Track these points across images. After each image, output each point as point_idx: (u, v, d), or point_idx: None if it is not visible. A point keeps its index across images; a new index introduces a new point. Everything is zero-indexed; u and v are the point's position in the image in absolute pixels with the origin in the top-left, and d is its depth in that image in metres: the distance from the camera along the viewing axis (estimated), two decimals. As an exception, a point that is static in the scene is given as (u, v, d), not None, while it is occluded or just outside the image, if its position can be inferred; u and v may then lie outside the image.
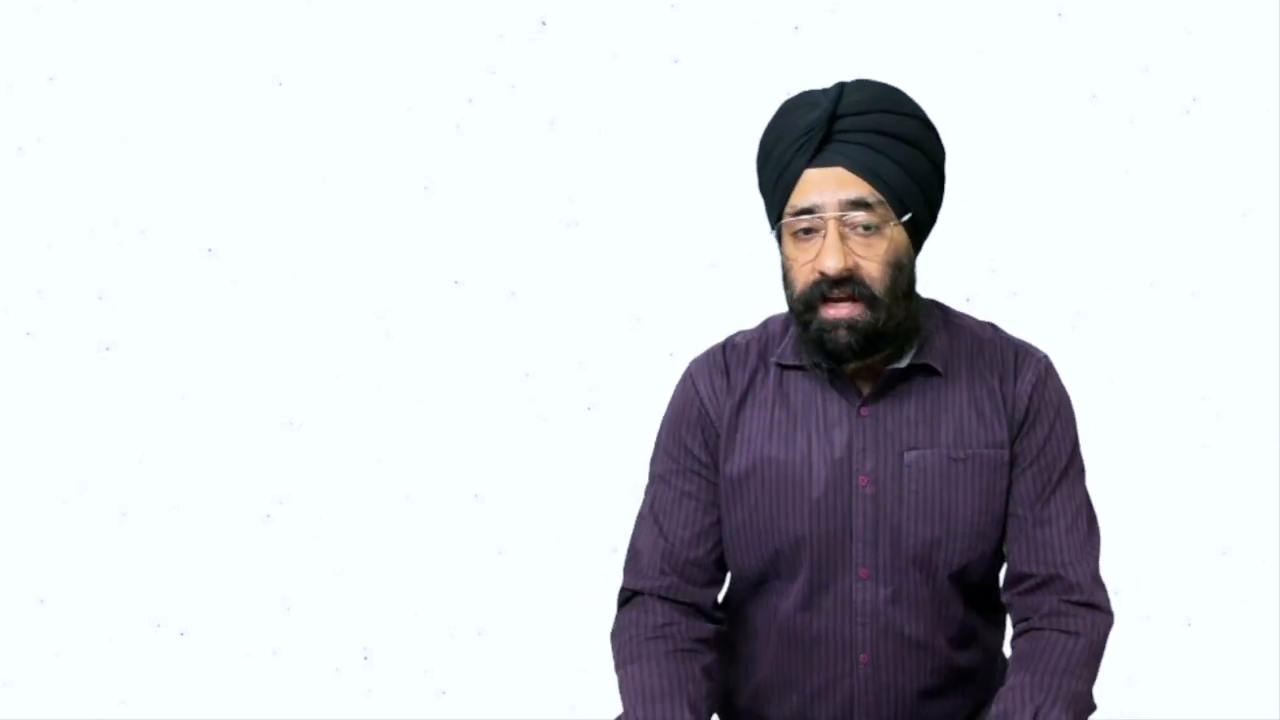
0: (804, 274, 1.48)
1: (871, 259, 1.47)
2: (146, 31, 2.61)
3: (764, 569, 1.58)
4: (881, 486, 1.53)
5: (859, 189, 1.46)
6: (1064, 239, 2.63)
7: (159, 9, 2.61)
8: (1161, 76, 2.61)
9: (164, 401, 2.65)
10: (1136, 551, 2.60)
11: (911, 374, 1.55)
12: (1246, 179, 2.61)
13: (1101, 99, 2.61)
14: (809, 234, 1.48)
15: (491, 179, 2.65)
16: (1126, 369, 2.64)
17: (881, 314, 1.47)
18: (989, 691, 1.64)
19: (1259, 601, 2.64)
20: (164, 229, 2.64)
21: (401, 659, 2.68)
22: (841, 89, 1.49)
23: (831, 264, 1.45)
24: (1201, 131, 2.61)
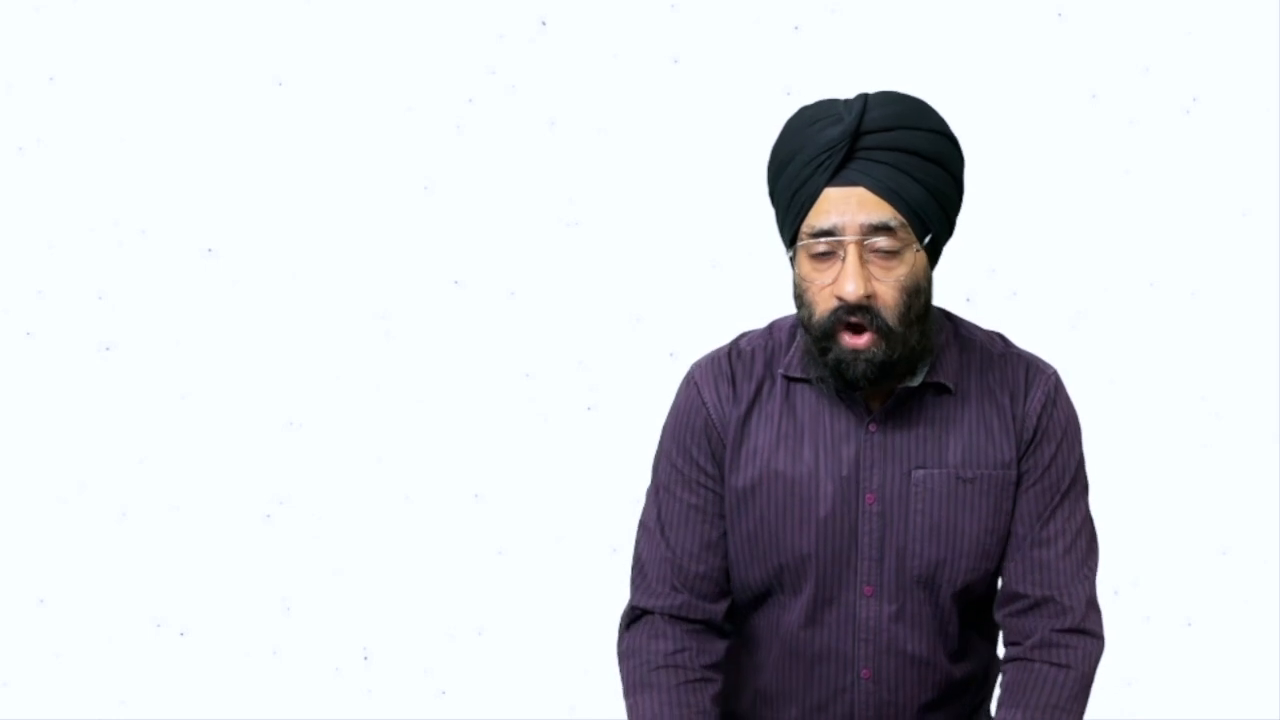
0: (822, 299, 1.44)
1: (890, 285, 1.43)
2: (146, 31, 2.61)
3: (768, 583, 1.57)
4: (888, 505, 1.52)
5: (881, 212, 1.41)
6: (1064, 239, 2.63)
7: (159, 9, 2.61)
8: (1161, 76, 2.61)
9: (164, 401, 2.65)
10: (1136, 551, 2.60)
11: (921, 391, 1.53)
12: (1246, 179, 2.61)
13: (1101, 99, 2.61)
14: (827, 256, 1.43)
15: (491, 179, 2.65)
16: (1126, 369, 2.63)
17: (897, 346, 1.44)
18: (982, 698, 1.65)
19: (1259, 601, 2.64)
20: (164, 229, 2.64)
21: (401, 659, 2.68)
22: (865, 102, 1.43)
23: (851, 289, 1.41)
24: (1201, 131, 2.61)
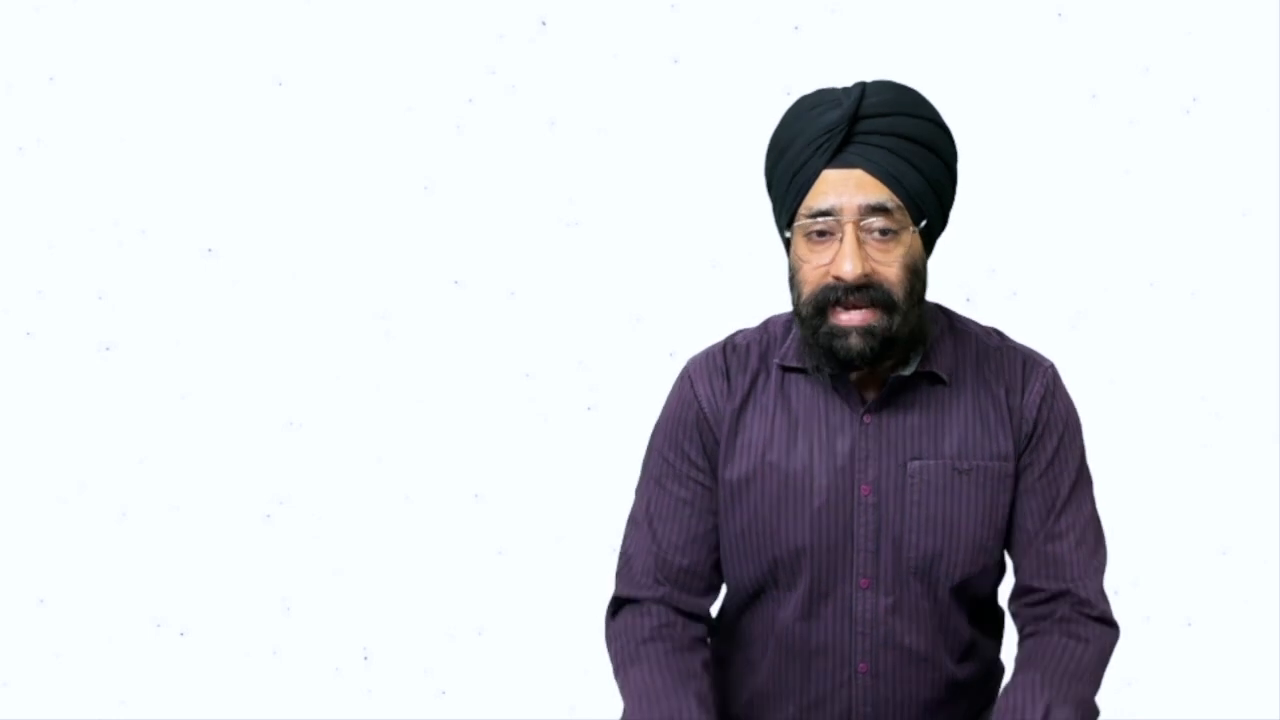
0: (815, 276, 1.44)
1: (889, 264, 1.43)
2: (146, 31, 2.61)
3: (763, 577, 1.56)
4: (884, 496, 1.51)
5: (879, 193, 1.42)
6: (1064, 239, 2.63)
7: (159, 9, 2.61)
8: (1161, 76, 2.60)
9: (164, 401, 2.65)
10: (1136, 551, 2.60)
11: (916, 382, 1.53)
12: (1246, 179, 2.61)
13: (1101, 99, 2.61)
14: (824, 237, 1.43)
15: (491, 179, 2.65)
16: (1126, 369, 2.63)
17: (898, 319, 1.44)
18: (986, 702, 1.63)
19: (1259, 601, 2.64)
20: (164, 229, 2.64)
21: (401, 659, 2.68)
22: (863, 89, 1.45)
23: (849, 269, 1.41)
24: (1201, 131, 2.61)
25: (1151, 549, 2.63)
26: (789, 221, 1.47)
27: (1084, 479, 1.58)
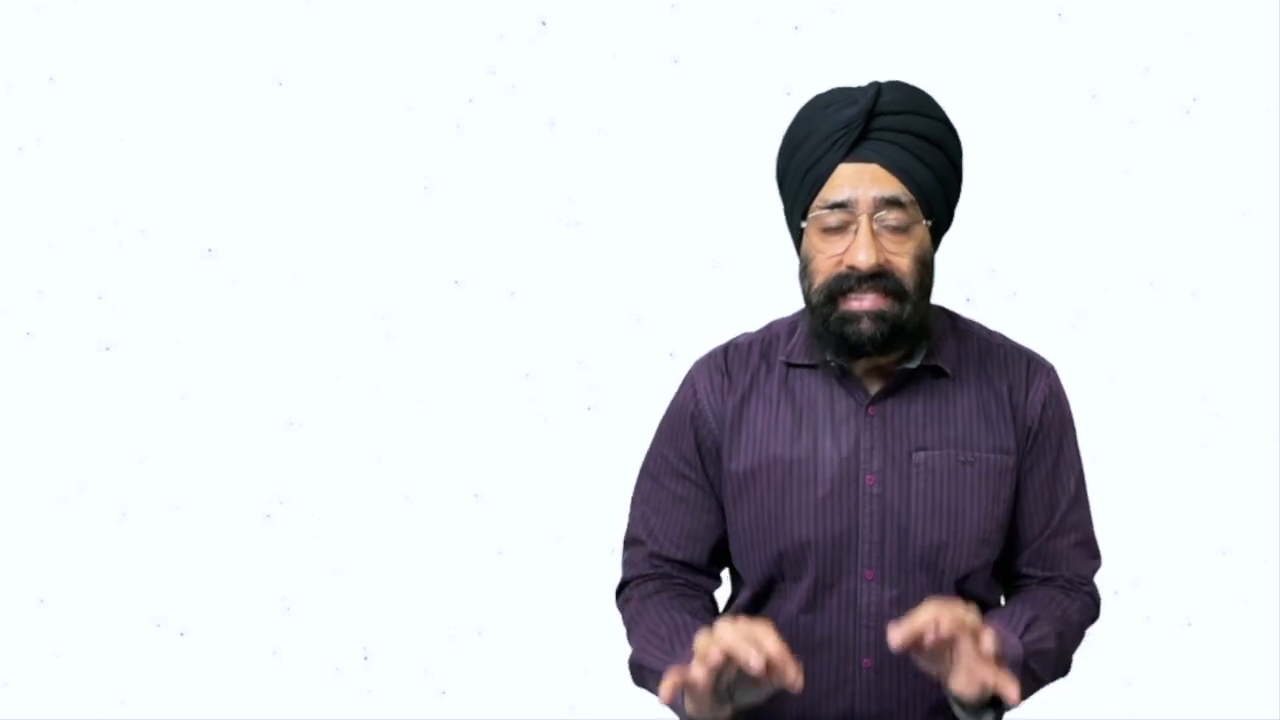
0: (828, 266, 1.47)
1: (902, 255, 1.46)
2: (146, 31, 2.61)
3: (771, 570, 1.57)
4: (889, 487, 1.52)
5: (893, 187, 1.45)
6: (1064, 239, 2.63)
7: (159, 9, 2.61)
8: (1161, 76, 2.61)
9: (164, 401, 2.65)
10: (1136, 551, 2.60)
11: (920, 375, 1.54)
12: (1246, 179, 2.61)
13: (1101, 99, 2.61)
14: (838, 229, 1.46)
15: (491, 179, 2.65)
16: (1126, 369, 2.64)
17: (908, 308, 1.46)
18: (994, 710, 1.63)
19: (1259, 601, 2.64)
20: (164, 229, 2.64)
21: (401, 659, 2.68)
22: (879, 88, 1.48)
23: (864, 258, 1.44)
24: (1201, 131, 2.61)
25: (1151, 549, 2.63)
26: (802, 213, 1.49)
27: (1084, 483, 1.61)
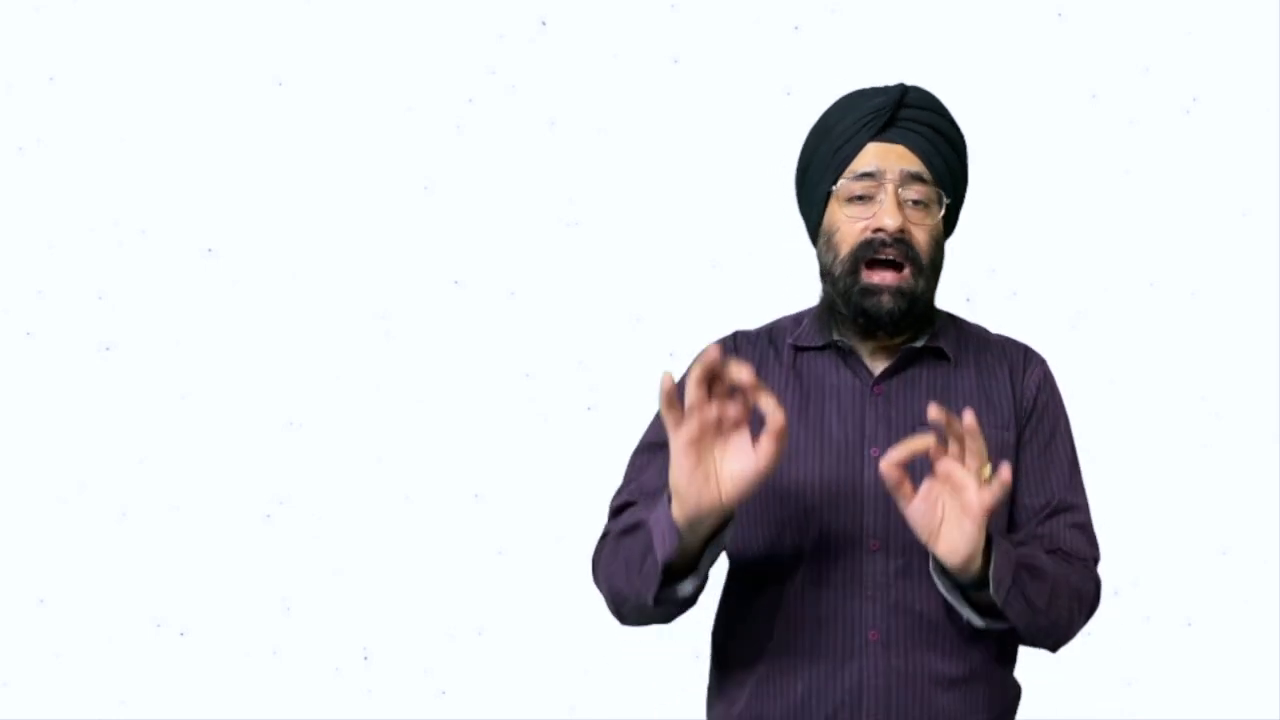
0: (854, 231, 1.53)
1: (922, 228, 1.53)
2: (146, 31, 2.61)
3: (772, 541, 1.55)
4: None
5: (918, 166, 1.53)
6: (1064, 239, 2.63)
7: (159, 9, 2.61)
8: (1161, 76, 2.60)
9: (164, 401, 2.65)
10: (1136, 551, 2.60)
11: (924, 356, 1.59)
12: (1246, 179, 2.61)
13: (1101, 99, 2.61)
14: (863, 200, 1.53)
15: (491, 179, 2.64)
16: (1126, 369, 2.64)
17: (923, 282, 1.53)
18: (1005, 700, 1.61)
19: (1259, 601, 2.64)
20: (164, 229, 2.64)
21: (401, 659, 2.68)
22: (905, 88, 1.57)
23: (890, 221, 1.51)
24: (1201, 131, 2.61)
25: (1151, 549, 2.63)
26: (829, 186, 1.55)
27: (1079, 474, 1.63)
